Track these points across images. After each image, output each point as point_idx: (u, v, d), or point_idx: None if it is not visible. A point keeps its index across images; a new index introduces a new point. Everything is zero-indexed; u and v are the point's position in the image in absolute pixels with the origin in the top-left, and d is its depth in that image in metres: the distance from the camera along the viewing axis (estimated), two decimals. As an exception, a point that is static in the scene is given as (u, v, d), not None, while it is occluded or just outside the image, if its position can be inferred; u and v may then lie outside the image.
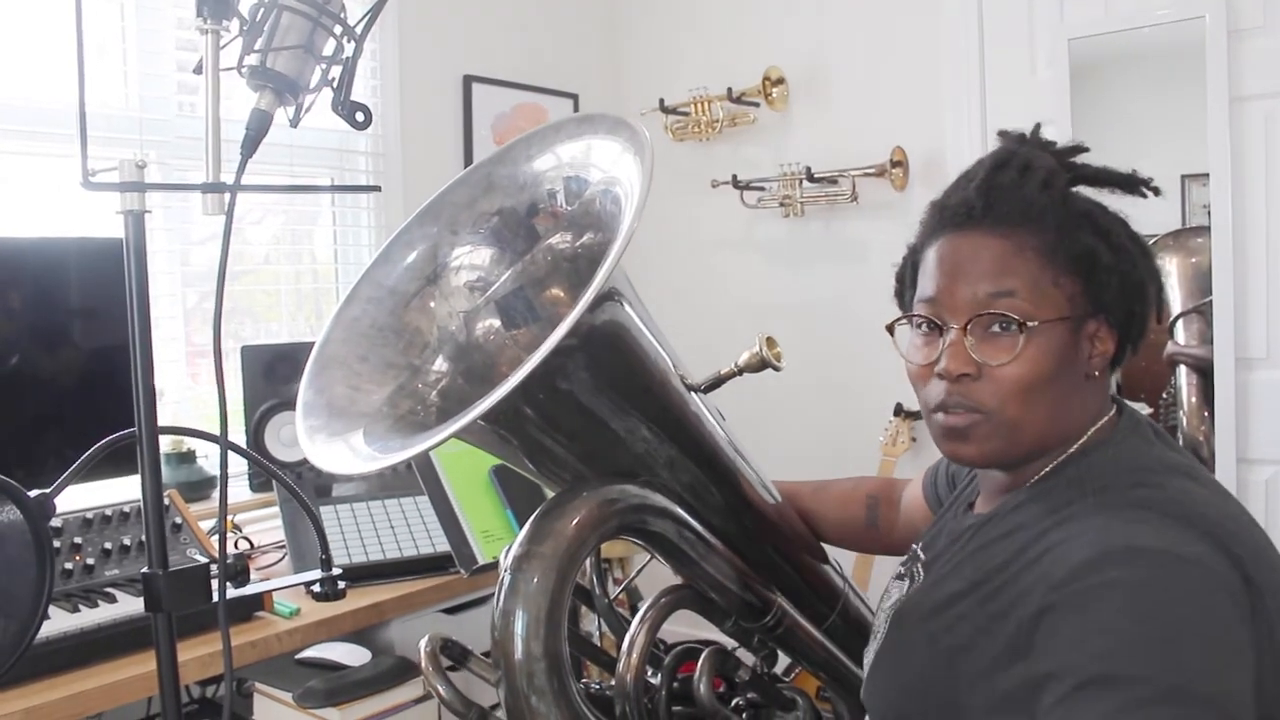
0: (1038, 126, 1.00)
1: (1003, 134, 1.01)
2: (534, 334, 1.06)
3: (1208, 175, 2.39)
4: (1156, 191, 0.98)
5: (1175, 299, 2.50)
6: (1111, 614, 0.73)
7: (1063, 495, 0.87)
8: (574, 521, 0.89)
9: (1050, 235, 0.90)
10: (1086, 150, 0.98)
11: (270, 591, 1.70)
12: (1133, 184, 0.98)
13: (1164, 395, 2.52)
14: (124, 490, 1.71)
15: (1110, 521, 0.80)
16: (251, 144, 0.98)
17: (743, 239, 3.25)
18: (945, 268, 0.92)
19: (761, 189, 3.09)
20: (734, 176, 3.09)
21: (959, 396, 0.90)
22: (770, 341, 1.03)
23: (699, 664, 1.06)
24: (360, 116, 1.03)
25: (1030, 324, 0.87)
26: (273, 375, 2.25)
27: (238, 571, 1.09)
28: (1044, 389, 0.88)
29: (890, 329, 1.00)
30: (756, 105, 3.09)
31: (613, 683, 1.01)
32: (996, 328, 0.88)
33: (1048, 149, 0.97)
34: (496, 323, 1.07)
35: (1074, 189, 0.96)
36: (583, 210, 1.01)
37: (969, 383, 0.89)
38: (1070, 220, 0.91)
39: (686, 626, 1.16)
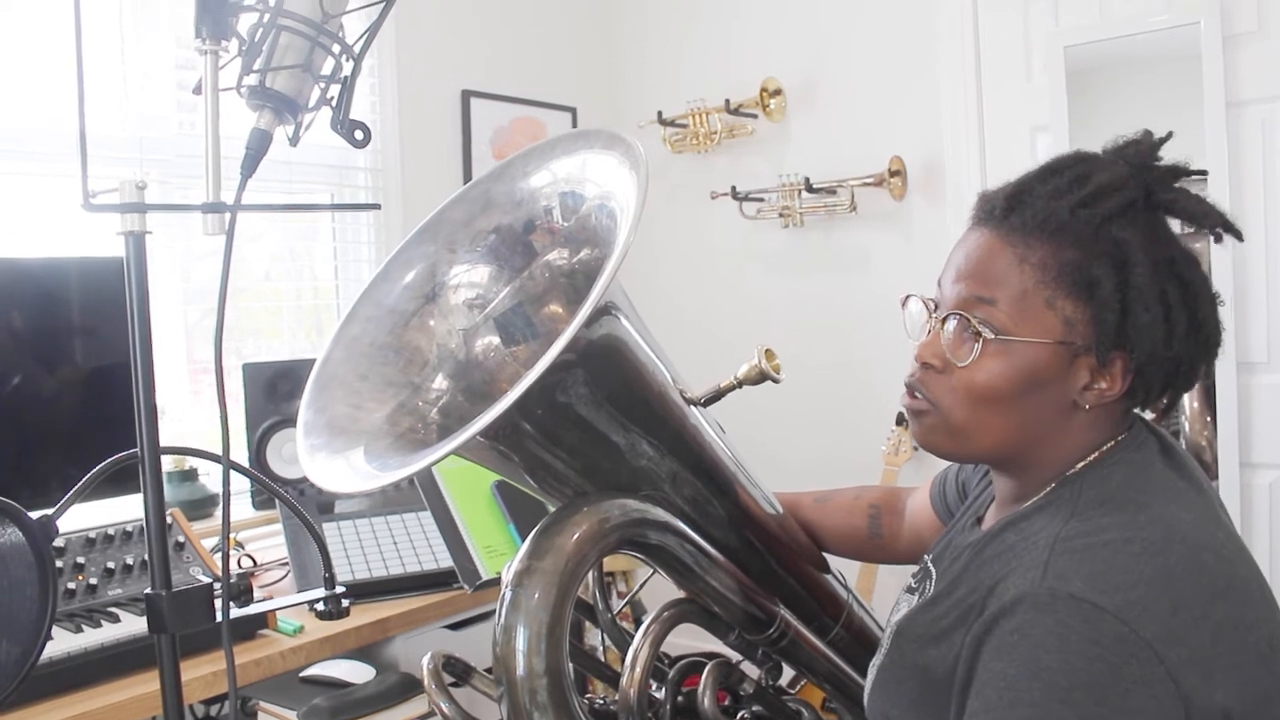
0: (1148, 134, 0.93)
1: (1126, 141, 0.93)
2: (533, 350, 1.06)
3: (1205, 181, 2.39)
4: (1238, 236, 0.93)
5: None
6: (1014, 665, 0.75)
7: (1050, 516, 0.86)
8: (574, 536, 0.89)
9: (1067, 254, 0.86)
10: (1193, 174, 0.91)
11: (273, 610, 1.70)
12: (1208, 221, 0.92)
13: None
14: (126, 509, 1.71)
15: (1056, 550, 0.80)
16: (251, 163, 0.99)
17: (742, 250, 3.26)
18: (953, 258, 0.93)
19: (760, 200, 3.10)
20: (733, 188, 3.10)
21: (918, 382, 0.93)
22: (769, 354, 1.03)
23: (703, 677, 1.06)
24: (359, 135, 1.03)
25: (988, 335, 0.87)
26: (274, 392, 2.26)
27: (241, 590, 1.09)
28: (1001, 404, 0.88)
29: (903, 301, 0.99)
30: (754, 116, 3.10)
31: (617, 697, 1.01)
32: (967, 329, 0.88)
33: (1137, 161, 0.90)
34: (496, 340, 1.07)
35: (1155, 212, 0.90)
36: (579, 225, 1.01)
37: (931, 373, 0.91)
38: (1096, 244, 0.86)
39: (690, 640, 1.16)
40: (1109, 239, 0.86)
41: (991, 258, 0.89)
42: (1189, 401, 2.48)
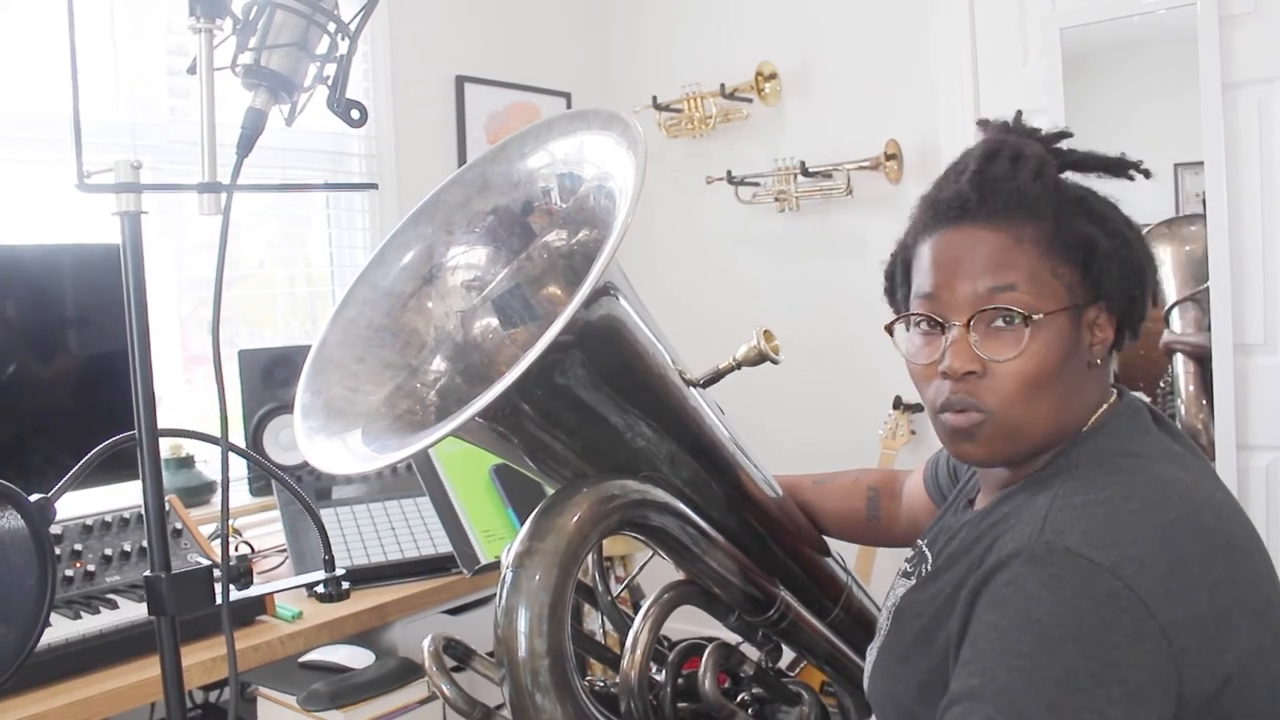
0: (1019, 114, 0.99)
1: (983, 123, 0.99)
2: (531, 332, 1.05)
3: (1201, 163, 2.39)
4: (1146, 174, 0.98)
5: (1170, 287, 2.50)
6: (1006, 617, 0.76)
7: (1046, 485, 0.86)
8: (575, 518, 0.89)
9: (1047, 225, 0.89)
10: (1071, 135, 0.98)
11: (272, 594, 1.70)
12: (1120, 167, 0.97)
13: (1161, 384, 2.53)
14: (123, 497, 1.70)
15: (1054, 506, 0.81)
16: (247, 143, 0.98)
17: (738, 235, 3.25)
18: (943, 263, 0.91)
19: (756, 184, 3.09)
20: (728, 172, 3.09)
21: (964, 394, 0.89)
22: (768, 335, 1.03)
23: (703, 659, 1.06)
24: (356, 114, 1.02)
25: (1035, 316, 0.87)
26: (270, 379, 2.25)
27: (240, 573, 1.09)
28: (1049, 382, 0.88)
29: (889, 329, 0.99)
30: (749, 101, 3.09)
31: (617, 680, 1.01)
32: (1000, 322, 0.87)
33: (1033, 136, 0.96)
34: (494, 321, 1.06)
35: (1062, 175, 0.95)
36: (577, 206, 1.01)
37: (974, 380, 0.88)
38: (1065, 208, 0.91)
39: (690, 623, 1.16)
40: (1073, 200, 0.92)
41: (990, 248, 0.89)
42: (1185, 384, 2.49)
